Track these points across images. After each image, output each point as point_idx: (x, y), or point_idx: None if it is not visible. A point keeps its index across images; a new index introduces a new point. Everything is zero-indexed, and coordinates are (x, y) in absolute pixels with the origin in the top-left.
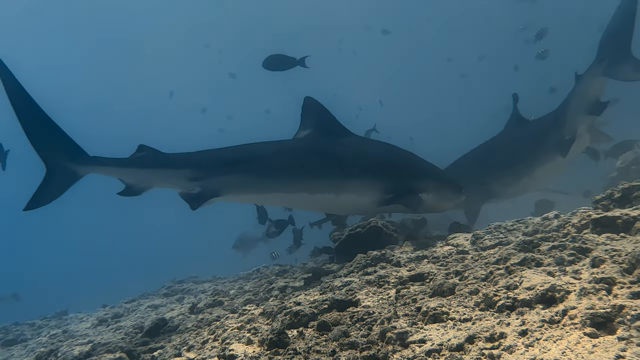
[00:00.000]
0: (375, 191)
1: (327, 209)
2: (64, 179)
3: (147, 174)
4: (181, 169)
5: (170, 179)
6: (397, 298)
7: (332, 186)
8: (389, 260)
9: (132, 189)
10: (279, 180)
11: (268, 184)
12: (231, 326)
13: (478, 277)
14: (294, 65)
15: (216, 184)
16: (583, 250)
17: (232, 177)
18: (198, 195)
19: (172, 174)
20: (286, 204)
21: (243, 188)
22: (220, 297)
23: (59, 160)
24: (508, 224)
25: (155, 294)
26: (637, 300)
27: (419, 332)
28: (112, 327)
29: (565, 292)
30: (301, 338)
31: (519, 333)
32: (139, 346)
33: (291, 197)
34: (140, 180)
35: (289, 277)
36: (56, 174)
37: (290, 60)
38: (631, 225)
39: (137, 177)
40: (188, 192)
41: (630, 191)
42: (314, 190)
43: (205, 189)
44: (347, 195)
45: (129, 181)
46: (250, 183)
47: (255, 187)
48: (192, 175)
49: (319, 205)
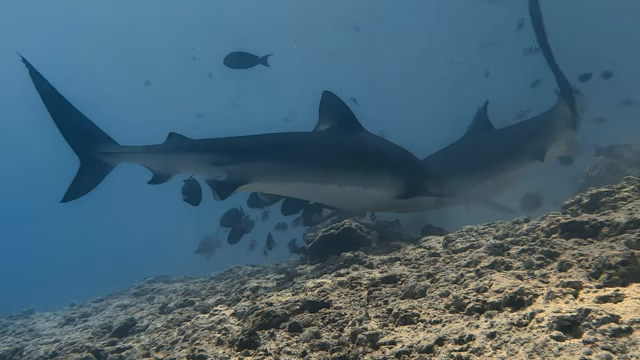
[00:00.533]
0: (396, 186)
1: (350, 203)
2: (98, 170)
3: (172, 159)
4: (205, 154)
5: (194, 164)
6: (369, 300)
7: (360, 179)
8: (361, 261)
9: (159, 176)
10: (309, 171)
11: (298, 174)
12: (202, 326)
13: (449, 280)
14: (256, 63)
15: (244, 170)
16: (551, 255)
17: (262, 165)
18: (226, 182)
19: (196, 158)
20: (312, 195)
21: (273, 176)
22: (191, 297)
23: (92, 152)
24: (479, 227)
25: (125, 293)
26: (603, 304)
27: (389, 333)
28: (80, 327)
29: (533, 296)
30: (272, 339)
31: (488, 335)
32: (107, 346)
33: (319, 189)
34: (165, 166)
35: (261, 277)
36: (90, 166)
37: (253, 58)
38: (598, 231)
39: (162, 163)
40: (215, 179)
41: (598, 197)
42: (343, 183)
43: (232, 175)
44: (373, 190)
45: (156, 168)
46: (281, 172)
47: (285, 176)
48: (217, 160)
49: (345, 199)
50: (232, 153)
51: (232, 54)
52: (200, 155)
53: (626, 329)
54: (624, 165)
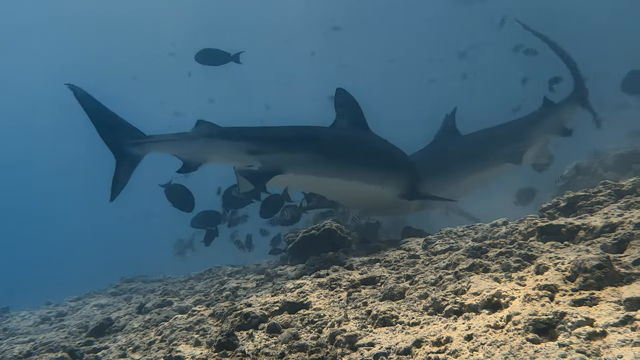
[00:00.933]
0: (407, 188)
1: (366, 201)
2: (129, 163)
3: (203, 147)
4: (239, 142)
5: (227, 152)
6: (348, 301)
7: (380, 179)
8: (342, 263)
9: (188, 164)
10: (339, 167)
11: (329, 168)
12: (179, 327)
13: (428, 282)
14: (228, 60)
15: (280, 160)
16: (528, 258)
17: (296, 156)
18: (260, 171)
19: (229, 146)
20: (335, 190)
21: (305, 168)
22: (169, 297)
23: (123, 146)
24: (459, 230)
25: (102, 292)
26: (578, 307)
27: (368, 335)
28: (56, 326)
29: (510, 298)
30: (250, 340)
31: (465, 337)
32: (83, 346)
33: (346, 185)
34: (194, 154)
35: (241, 277)
36: (123, 160)
37: (224, 55)
38: (575, 234)
39: (192, 151)
40: (248, 169)
41: (575, 200)
42: (370, 181)
43: (266, 164)
44: (388, 189)
45: (184, 156)
46: (313, 164)
47: (317, 169)
48: (252, 148)
49: (364, 197)
50: (267, 142)
51: (204, 50)
52: (234, 143)
53: (600, 332)
54: (601, 169)
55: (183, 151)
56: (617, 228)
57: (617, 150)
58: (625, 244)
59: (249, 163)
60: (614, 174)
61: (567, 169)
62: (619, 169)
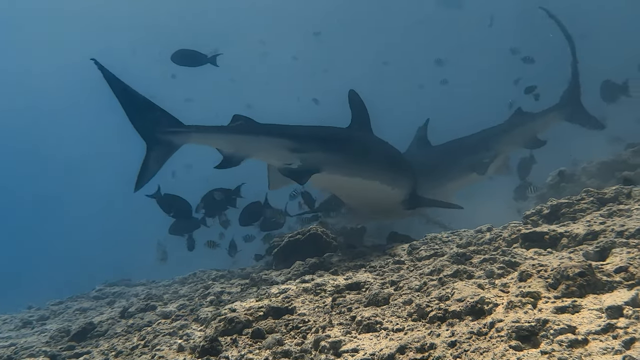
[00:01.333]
0: (412, 190)
1: (378, 203)
2: (163, 152)
3: (245, 141)
4: (281, 138)
5: (269, 148)
6: (333, 306)
7: (393, 181)
8: (327, 268)
9: (231, 159)
10: (362, 167)
11: (354, 168)
12: (163, 332)
13: (412, 288)
14: (205, 62)
15: (316, 158)
16: (512, 264)
17: (328, 155)
18: (299, 169)
19: (272, 142)
20: (355, 190)
21: (335, 168)
22: (153, 301)
23: (157, 133)
24: (443, 235)
25: (85, 296)
26: (561, 315)
27: (352, 341)
28: (37, 330)
29: (494, 305)
30: (234, 346)
31: (449, 344)
32: (64, 351)
33: (365, 185)
34: (238, 148)
35: (226, 282)
36: (154, 148)
37: (201, 57)
38: (558, 241)
39: (235, 145)
40: (288, 166)
41: (558, 208)
42: (384, 181)
43: (305, 162)
44: (397, 191)
45: (227, 150)
46: (342, 164)
47: (345, 168)
48: (292, 146)
49: (378, 198)
50: (307, 141)
51: (181, 51)
52: (277, 140)
53: (582, 340)
54: (584, 177)
55: (225, 145)
56: (599, 236)
57: (600, 158)
58: (607, 251)
59: (289, 161)
60: (597, 182)
61: (550, 176)
62: (602, 176)
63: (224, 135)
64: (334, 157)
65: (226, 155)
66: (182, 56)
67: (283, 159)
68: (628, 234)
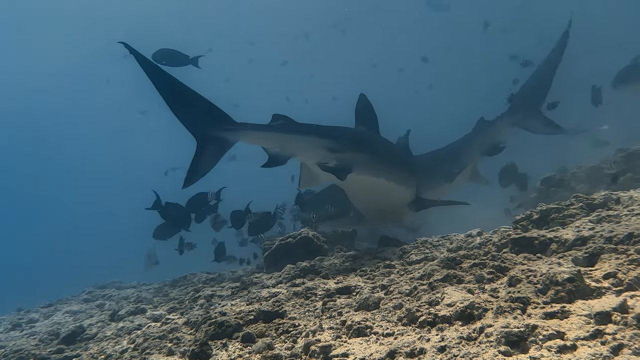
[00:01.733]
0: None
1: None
2: (216, 149)
3: (291, 140)
4: (323, 138)
5: (312, 148)
6: (324, 311)
7: (406, 182)
8: (317, 272)
9: (277, 158)
10: (385, 168)
11: (378, 169)
12: (153, 335)
13: (403, 292)
14: (187, 63)
15: (351, 159)
16: (502, 269)
17: (359, 155)
18: (336, 168)
19: (314, 142)
20: (376, 190)
21: (363, 168)
22: (143, 304)
23: (208, 130)
24: (434, 240)
25: (75, 299)
26: (550, 320)
27: (342, 345)
28: (26, 333)
29: (483, 310)
30: (224, 349)
31: (438, 349)
32: (54, 354)
33: (388, 186)
34: (284, 147)
35: (216, 285)
36: (207, 145)
37: (183, 57)
38: (547, 247)
39: (281, 144)
40: (326, 164)
41: (548, 213)
42: (405, 184)
43: (341, 162)
44: (408, 192)
45: (274, 149)
46: (370, 164)
47: (370, 169)
48: (332, 146)
49: (394, 201)
50: (344, 141)
51: (162, 50)
52: (318, 139)
53: (571, 346)
54: (574, 182)
55: (273, 144)
56: (588, 241)
57: (590, 163)
58: (596, 257)
59: (326, 160)
60: (586, 187)
61: (538, 181)
62: (591, 181)
63: (273, 133)
64: (363, 157)
65: (272, 154)
66: (163, 55)
67: (322, 158)
68: (617, 239)
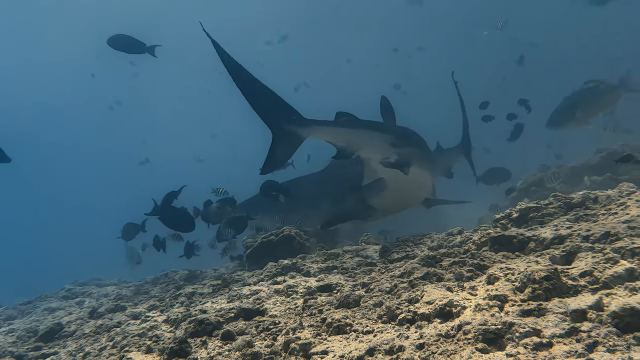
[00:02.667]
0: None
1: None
2: (290, 142)
3: (357, 135)
4: (385, 134)
5: (376, 143)
6: (304, 308)
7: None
8: (299, 269)
9: (344, 151)
10: (430, 161)
11: (427, 163)
12: (132, 333)
13: (383, 290)
14: (143, 51)
15: (409, 154)
16: (480, 267)
17: (413, 150)
18: (397, 163)
19: (379, 137)
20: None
21: (417, 161)
22: (123, 302)
23: (283, 125)
24: (415, 238)
25: (54, 296)
26: (526, 318)
27: (322, 343)
28: (4, 330)
29: (462, 308)
30: (204, 347)
31: (417, 346)
32: (31, 351)
33: (427, 179)
34: (350, 142)
35: (197, 283)
36: (282, 138)
37: (140, 45)
38: (525, 245)
39: (348, 138)
40: (387, 160)
41: (527, 212)
42: (433, 177)
43: (401, 158)
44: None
45: (341, 144)
46: (419, 158)
47: (423, 163)
48: (394, 141)
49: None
50: (403, 138)
51: (119, 35)
52: (382, 135)
53: (547, 343)
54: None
55: (340, 139)
56: (566, 240)
57: (570, 163)
58: (573, 256)
59: (387, 155)
60: (566, 187)
61: (520, 180)
62: (571, 181)
63: (340, 129)
64: (414, 151)
65: (340, 148)
66: (119, 40)
67: (384, 153)
68: (593, 238)
